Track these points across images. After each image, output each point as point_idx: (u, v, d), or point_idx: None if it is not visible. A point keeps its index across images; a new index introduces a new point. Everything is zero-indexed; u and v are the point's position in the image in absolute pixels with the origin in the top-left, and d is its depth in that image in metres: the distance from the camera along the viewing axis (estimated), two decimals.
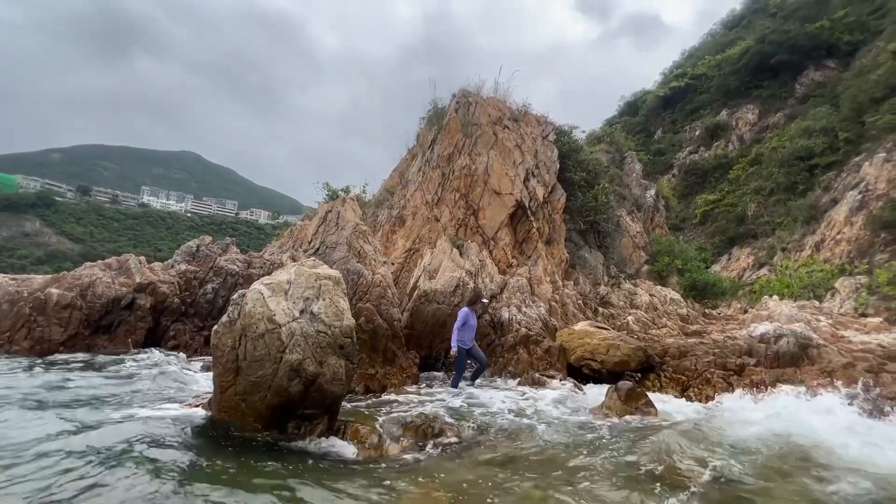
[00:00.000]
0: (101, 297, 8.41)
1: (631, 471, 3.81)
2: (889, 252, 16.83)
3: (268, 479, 3.34)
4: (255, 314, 4.32)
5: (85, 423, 4.33)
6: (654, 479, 3.65)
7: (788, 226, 23.69)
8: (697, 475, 3.69)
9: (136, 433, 3.95)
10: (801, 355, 7.46)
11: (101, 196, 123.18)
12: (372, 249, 9.38)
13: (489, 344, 9.17)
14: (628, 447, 4.41)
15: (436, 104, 14.79)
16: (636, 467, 3.87)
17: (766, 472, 3.89)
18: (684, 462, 3.96)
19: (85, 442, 3.74)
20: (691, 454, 4.15)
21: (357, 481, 3.47)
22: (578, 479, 3.66)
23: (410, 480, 3.61)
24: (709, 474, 3.71)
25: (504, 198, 12.11)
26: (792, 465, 4.07)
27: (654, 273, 15.45)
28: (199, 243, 10.90)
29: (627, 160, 20.44)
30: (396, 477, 3.65)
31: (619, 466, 3.93)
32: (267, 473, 3.46)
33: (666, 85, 47.65)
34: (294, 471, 3.58)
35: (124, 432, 3.98)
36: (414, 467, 3.95)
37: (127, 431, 4.01)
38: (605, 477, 3.71)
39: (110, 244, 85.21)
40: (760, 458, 4.22)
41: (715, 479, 3.66)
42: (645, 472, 3.76)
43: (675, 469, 3.79)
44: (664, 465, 3.84)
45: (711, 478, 3.67)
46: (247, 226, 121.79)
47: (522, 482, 3.61)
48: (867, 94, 25.27)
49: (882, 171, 19.86)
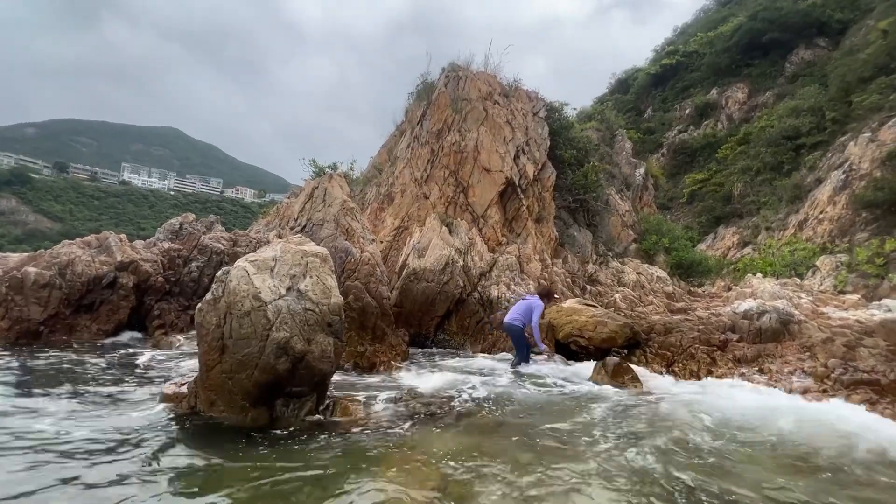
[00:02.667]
0: (82, 276, 8.19)
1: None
2: (869, 231, 17.19)
3: (254, 455, 3.32)
4: (240, 292, 4.22)
5: (59, 410, 4.25)
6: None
7: (773, 205, 24.01)
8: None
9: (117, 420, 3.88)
10: (782, 331, 7.63)
11: (80, 173, 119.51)
12: (360, 227, 9.25)
13: (478, 322, 9.22)
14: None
15: (425, 78, 14.45)
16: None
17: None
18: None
19: (58, 430, 3.65)
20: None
21: (343, 451, 3.48)
22: (556, 442, 3.72)
23: (397, 448, 3.66)
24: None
25: (494, 175, 11.99)
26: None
27: (641, 251, 15.60)
28: (181, 221, 10.63)
29: (617, 138, 20.36)
30: (383, 446, 3.69)
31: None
32: (254, 449, 3.44)
33: (657, 62, 47.17)
34: (282, 446, 3.57)
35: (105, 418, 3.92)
36: (402, 437, 3.97)
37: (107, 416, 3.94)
38: (582, 443, 3.78)
39: (91, 223, 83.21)
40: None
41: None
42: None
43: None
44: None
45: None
46: (232, 204, 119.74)
47: (508, 448, 3.73)
48: (855, 73, 25.33)
49: (866, 151, 20.10)
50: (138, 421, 3.98)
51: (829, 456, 3.83)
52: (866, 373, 5.98)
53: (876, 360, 6.19)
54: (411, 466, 3.35)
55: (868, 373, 5.98)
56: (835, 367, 6.23)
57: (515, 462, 3.43)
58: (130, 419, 4.03)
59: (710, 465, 3.56)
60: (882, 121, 20.89)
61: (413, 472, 3.24)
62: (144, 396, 4.70)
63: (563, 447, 3.83)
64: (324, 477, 3.11)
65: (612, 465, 3.42)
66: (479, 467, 3.32)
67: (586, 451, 3.74)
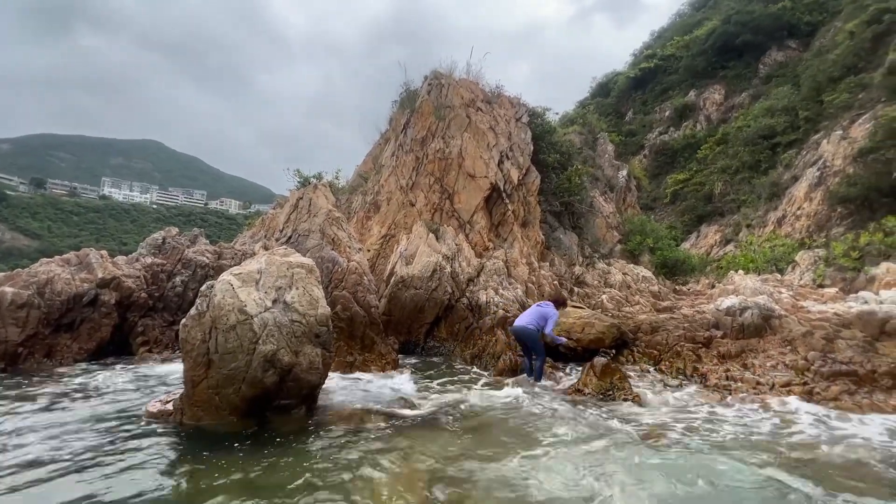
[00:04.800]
0: (61, 295, 8.01)
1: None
2: (845, 225, 17.70)
3: (244, 461, 3.29)
4: (225, 305, 4.19)
5: (48, 423, 4.15)
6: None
7: (753, 203, 24.56)
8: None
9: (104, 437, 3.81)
10: (764, 326, 7.81)
11: (58, 189, 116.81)
12: (346, 236, 9.23)
13: (468, 327, 9.24)
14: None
15: (408, 86, 14.52)
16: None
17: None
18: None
19: (46, 449, 3.58)
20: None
21: (333, 455, 3.47)
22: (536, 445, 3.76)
23: (389, 449, 3.69)
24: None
25: (479, 181, 12.08)
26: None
27: (626, 252, 15.81)
28: (164, 235, 10.47)
29: (600, 141, 20.67)
30: (375, 447, 3.72)
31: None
32: (245, 456, 3.40)
33: (636, 66, 48.11)
34: (272, 452, 3.54)
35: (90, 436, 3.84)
36: (392, 438, 3.96)
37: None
38: (564, 443, 3.82)
39: (71, 239, 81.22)
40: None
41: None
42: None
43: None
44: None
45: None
46: (217, 216, 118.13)
47: (492, 447, 3.78)
48: (825, 73, 26.16)
49: (839, 148, 20.72)
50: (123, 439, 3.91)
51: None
52: (844, 364, 6.15)
53: (853, 352, 6.36)
54: (402, 468, 3.36)
55: (846, 364, 6.14)
56: (814, 360, 6.39)
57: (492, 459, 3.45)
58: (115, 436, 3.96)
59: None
60: (852, 119, 21.59)
61: (404, 474, 3.25)
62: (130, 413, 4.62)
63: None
64: (314, 480, 3.10)
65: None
66: (470, 470, 3.33)
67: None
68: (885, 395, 5.46)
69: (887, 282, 10.54)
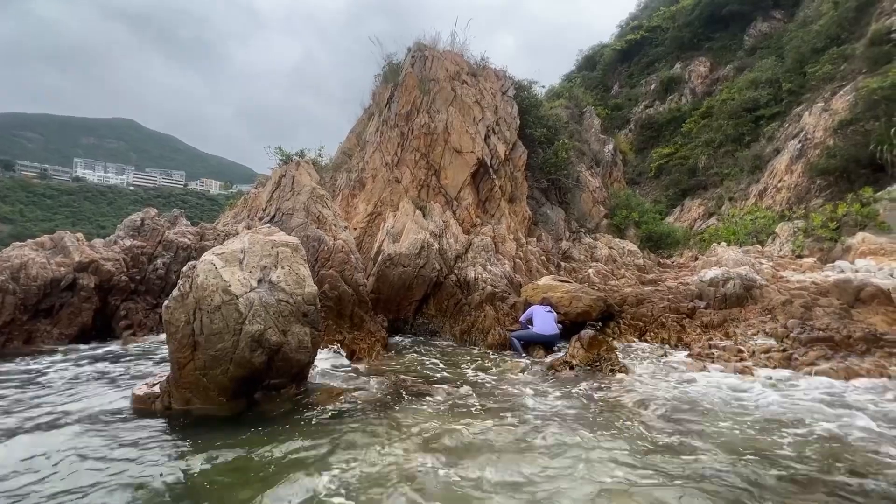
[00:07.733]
0: (37, 280, 7.76)
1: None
2: (824, 197, 18.06)
3: (237, 441, 3.27)
4: (209, 286, 4.09)
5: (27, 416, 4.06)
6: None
7: (735, 176, 24.84)
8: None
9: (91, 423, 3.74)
10: (745, 296, 8.00)
11: (28, 171, 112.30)
12: (331, 214, 9.08)
13: (457, 303, 9.27)
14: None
15: (391, 59, 14.09)
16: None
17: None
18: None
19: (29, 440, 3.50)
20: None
21: (328, 429, 3.48)
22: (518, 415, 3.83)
23: (382, 425, 3.71)
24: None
25: (465, 156, 11.92)
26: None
27: (612, 227, 15.95)
28: (143, 216, 10.16)
29: (586, 115, 20.53)
30: (368, 424, 3.72)
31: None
32: (238, 436, 3.39)
33: (622, 38, 47.41)
34: (263, 431, 3.53)
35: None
36: (384, 415, 3.99)
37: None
38: (546, 417, 3.90)
39: (45, 223, 78.65)
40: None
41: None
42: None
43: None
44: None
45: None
46: (197, 197, 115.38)
47: (485, 420, 3.82)
48: (809, 44, 26.16)
49: (820, 121, 20.94)
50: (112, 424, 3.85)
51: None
52: (822, 330, 6.36)
53: (830, 318, 6.58)
54: (393, 440, 3.39)
55: (823, 330, 6.35)
56: (793, 328, 6.59)
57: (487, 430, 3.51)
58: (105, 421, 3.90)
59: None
60: (834, 90, 21.75)
61: (395, 445, 3.28)
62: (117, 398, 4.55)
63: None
64: (306, 457, 3.11)
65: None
66: (461, 445, 3.38)
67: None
68: (859, 360, 5.67)
69: (862, 251, 10.86)
